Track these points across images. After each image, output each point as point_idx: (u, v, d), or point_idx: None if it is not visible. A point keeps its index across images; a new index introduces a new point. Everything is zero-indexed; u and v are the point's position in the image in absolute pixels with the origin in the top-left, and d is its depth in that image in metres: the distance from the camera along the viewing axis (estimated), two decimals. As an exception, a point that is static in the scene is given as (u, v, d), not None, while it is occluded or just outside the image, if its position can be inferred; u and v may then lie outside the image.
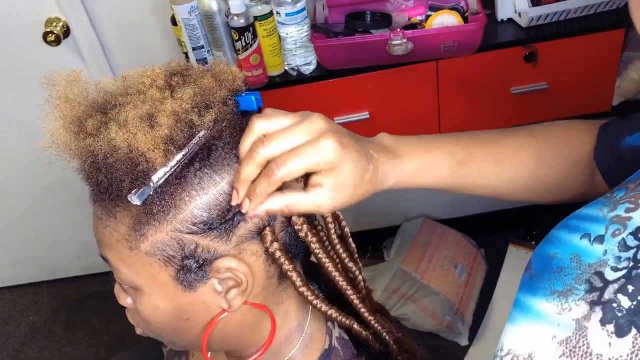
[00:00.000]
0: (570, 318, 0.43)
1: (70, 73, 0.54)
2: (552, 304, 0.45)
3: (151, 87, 0.53)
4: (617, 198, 0.48)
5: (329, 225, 0.60)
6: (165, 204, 0.51)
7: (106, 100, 0.54)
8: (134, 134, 0.49)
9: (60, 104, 0.53)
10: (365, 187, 0.56)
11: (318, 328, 0.65)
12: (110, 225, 0.54)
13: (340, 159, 0.52)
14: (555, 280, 0.46)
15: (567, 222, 0.51)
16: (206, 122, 0.52)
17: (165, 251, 0.52)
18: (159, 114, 0.50)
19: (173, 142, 0.50)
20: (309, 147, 0.51)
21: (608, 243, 0.44)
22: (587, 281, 0.44)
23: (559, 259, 0.48)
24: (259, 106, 0.55)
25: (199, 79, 0.54)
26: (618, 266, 0.42)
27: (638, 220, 0.44)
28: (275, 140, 0.51)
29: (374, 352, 0.65)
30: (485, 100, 1.52)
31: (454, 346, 1.88)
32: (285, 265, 0.56)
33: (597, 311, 0.41)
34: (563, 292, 0.45)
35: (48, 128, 0.52)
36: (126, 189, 0.50)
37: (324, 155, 0.51)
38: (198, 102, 0.52)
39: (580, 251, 0.46)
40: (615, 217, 0.45)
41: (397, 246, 2.08)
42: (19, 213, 2.16)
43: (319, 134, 0.51)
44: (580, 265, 0.45)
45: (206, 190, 0.51)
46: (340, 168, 0.52)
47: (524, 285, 0.50)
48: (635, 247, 0.42)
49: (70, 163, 0.52)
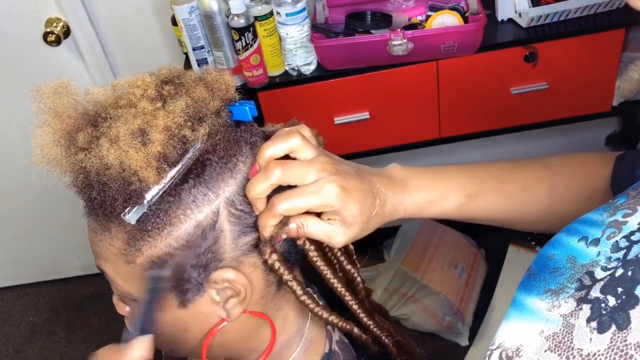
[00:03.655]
0: (558, 314, 0.44)
1: (57, 83, 0.52)
2: (544, 301, 0.46)
3: (142, 97, 0.51)
4: (618, 204, 0.49)
5: None
6: (160, 221, 0.50)
7: (96, 112, 0.52)
8: (125, 151, 0.48)
9: (49, 118, 0.51)
10: (373, 222, 0.57)
11: (318, 332, 0.65)
12: (104, 239, 0.53)
13: (342, 204, 0.53)
14: (550, 279, 0.48)
15: (570, 226, 0.51)
16: (199, 136, 0.50)
17: (160, 265, 0.52)
18: (151, 130, 0.49)
19: (166, 159, 0.49)
20: (312, 190, 0.52)
21: (602, 245, 0.46)
22: (578, 280, 0.45)
23: (556, 260, 0.49)
24: (253, 115, 0.54)
25: (191, 89, 0.52)
26: (607, 266, 0.44)
27: (633, 225, 0.45)
28: (291, 172, 0.52)
29: (374, 354, 0.65)
30: (485, 100, 1.52)
31: (454, 346, 1.88)
32: (285, 275, 0.55)
33: (584, 309, 0.42)
34: (555, 291, 0.46)
35: (37, 142, 0.50)
36: (119, 206, 0.49)
37: (326, 199, 0.52)
38: (191, 115, 0.51)
39: (576, 252, 0.48)
40: (613, 221, 0.47)
41: (397, 246, 2.08)
42: (19, 213, 2.16)
43: (324, 175, 0.53)
44: (574, 266, 0.47)
45: (200, 208, 0.51)
46: (343, 211, 0.54)
47: (522, 285, 0.51)
48: (625, 248, 0.43)
49: (62, 178, 0.51)
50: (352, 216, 0.54)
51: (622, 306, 0.40)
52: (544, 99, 1.51)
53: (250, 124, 0.56)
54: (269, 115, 1.48)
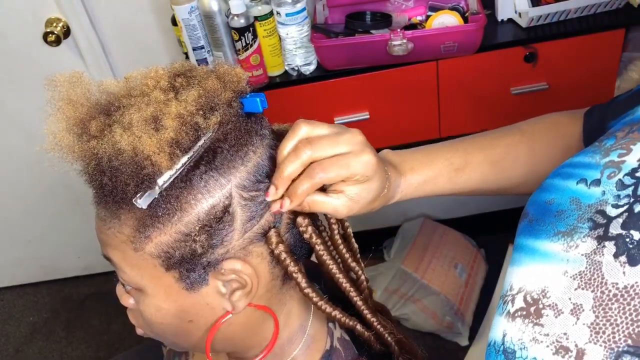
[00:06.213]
0: (579, 253, 0.46)
1: (72, 74, 0.53)
2: (557, 243, 0.48)
3: (155, 88, 0.52)
4: (608, 146, 0.51)
5: (332, 225, 0.60)
6: (171, 206, 0.51)
7: (109, 102, 0.53)
8: (138, 137, 0.49)
9: (63, 106, 0.52)
10: (379, 201, 0.61)
11: (319, 329, 0.65)
12: (113, 227, 0.53)
13: (374, 174, 0.56)
14: (556, 222, 0.49)
15: (559, 171, 0.54)
16: (211, 125, 0.51)
17: (169, 253, 0.52)
18: (164, 117, 0.50)
19: (178, 145, 0.50)
20: (353, 158, 0.54)
21: (605, 185, 0.47)
22: (589, 219, 0.47)
23: (558, 203, 0.51)
24: (264, 107, 0.55)
25: (203, 80, 0.53)
26: (618, 203, 0.45)
27: (632, 162, 0.47)
28: (321, 144, 0.54)
29: (375, 352, 0.65)
30: (485, 100, 1.52)
31: (454, 346, 1.88)
32: (290, 266, 0.56)
33: (607, 246, 0.44)
34: (567, 232, 0.48)
35: (50, 130, 0.51)
36: (131, 192, 0.50)
37: (363, 168, 0.55)
38: (203, 104, 0.52)
39: (579, 194, 0.49)
40: (609, 162, 0.49)
41: (397, 246, 2.08)
42: (19, 213, 2.17)
43: (360, 147, 0.55)
44: (580, 207, 0.48)
45: (212, 193, 0.51)
46: (370, 182, 0.56)
47: (524, 231, 0.52)
48: (633, 185, 0.45)
49: (73, 165, 0.52)
50: (368, 190, 0.57)
51: None
52: (544, 99, 1.51)
53: (260, 116, 0.57)
54: (269, 115, 1.47)
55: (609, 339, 0.41)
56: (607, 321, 0.42)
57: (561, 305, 0.45)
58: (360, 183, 0.56)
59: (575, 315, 0.44)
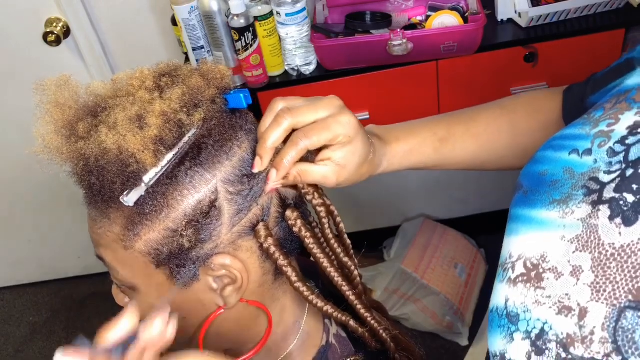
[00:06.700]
0: (575, 219, 0.47)
1: (59, 77, 0.54)
2: (552, 211, 0.49)
3: (140, 88, 0.53)
4: (597, 117, 0.52)
5: (322, 220, 0.60)
6: (158, 203, 0.51)
7: (96, 103, 0.54)
8: (123, 136, 0.49)
9: (51, 109, 0.53)
10: (366, 167, 0.61)
11: (315, 325, 0.65)
12: (104, 226, 0.54)
13: (356, 134, 0.57)
14: (551, 191, 0.51)
15: (550, 143, 0.55)
16: (195, 121, 0.52)
17: (159, 250, 0.52)
18: (148, 115, 0.50)
19: (162, 142, 0.50)
20: (332, 120, 0.56)
21: (596, 153, 0.49)
22: (583, 187, 0.48)
23: (552, 174, 0.52)
24: (248, 103, 0.55)
25: (187, 79, 0.54)
26: (610, 169, 0.47)
27: (622, 130, 0.48)
28: (300, 110, 0.55)
29: (371, 349, 0.65)
30: (485, 100, 1.51)
31: (454, 346, 1.88)
32: (280, 260, 0.56)
33: (602, 209, 0.45)
34: (562, 200, 0.49)
35: (39, 133, 0.52)
36: (118, 190, 0.50)
37: (345, 129, 0.56)
38: (186, 102, 0.52)
39: (572, 164, 0.51)
40: (599, 132, 0.50)
41: (397, 246, 2.08)
42: (19, 213, 2.17)
43: (338, 110, 0.57)
44: (574, 176, 0.50)
45: (197, 188, 0.52)
46: (353, 143, 0.58)
47: (519, 202, 0.54)
48: (623, 152, 0.47)
49: (62, 167, 0.52)
50: (353, 152, 0.58)
51: None
52: (543, 99, 1.51)
53: (245, 111, 0.57)
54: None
55: (610, 297, 0.42)
56: (606, 280, 0.43)
57: (561, 268, 0.46)
58: (344, 146, 0.57)
59: (575, 276, 0.45)
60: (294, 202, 0.59)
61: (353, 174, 0.59)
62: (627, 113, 0.49)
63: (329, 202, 0.61)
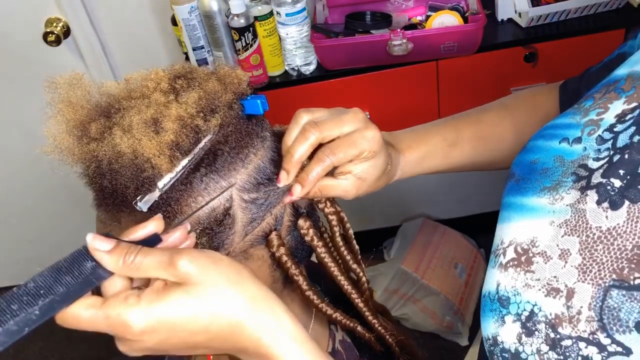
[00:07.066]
0: (564, 204, 0.48)
1: (72, 76, 0.53)
2: (543, 198, 0.51)
3: (155, 90, 0.52)
4: (587, 106, 0.54)
5: (333, 227, 0.60)
6: (171, 209, 0.50)
7: (109, 104, 0.53)
8: (138, 140, 0.48)
9: (63, 108, 0.51)
10: (384, 179, 0.62)
11: (321, 331, 0.65)
12: (114, 230, 0.53)
13: (380, 149, 0.57)
14: (542, 179, 0.52)
15: (542, 133, 0.56)
16: (211, 127, 0.51)
17: None
18: (164, 119, 0.49)
19: (178, 148, 0.49)
20: (359, 136, 0.55)
21: (586, 141, 0.50)
22: (573, 174, 0.50)
23: (543, 162, 0.54)
24: (265, 109, 0.54)
25: (204, 82, 0.53)
26: (599, 156, 0.48)
27: (610, 119, 0.50)
28: (327, 125, 0.55)
29: (376, 353, 0.65)
30: (485, 100, 1.51)
31: (454, 346, 1.88)
32: (291, 269, 0.55)
33: (590, 194, 0.47)
34: (552, 187, 0.51)
35: (50, 132, 0.51)
36: (131, 194, 0.49)
37: (370, 144, 0.56)
38: (203, 106, 0.51)
39: (562, 152, 0.52)
40: (588, 120, 0.52)
41: (397, 246, 2.08)
42: (19, 213, 2.16)
43: (364, 124, 0.56)
44: (564, 163, 0.51)
45: (212, 195, 0.51)
46: (376, 158, 0.58)
47: (511, 190, 0.55)
48: (611, 139, 0.48)
49: (73, 168, 0.52)
50: (374, 166, 0.58)
51: (629, 184, 0.44)
52: (543, 99, 1.51)
53: (261, 118, 0.56)
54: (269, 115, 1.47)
55: (595, 277, 0.44)
56: (593, 261, 0.44)
57: (550, 252, 0.47)
58: (367, 160, 0.57)
59: (563, 259, 0.46)
60: (305, 210, 0.58)
61: (371, 186, 0.60)
62: (616, 102, 0.50)
63: (340, 209, 0.60)
